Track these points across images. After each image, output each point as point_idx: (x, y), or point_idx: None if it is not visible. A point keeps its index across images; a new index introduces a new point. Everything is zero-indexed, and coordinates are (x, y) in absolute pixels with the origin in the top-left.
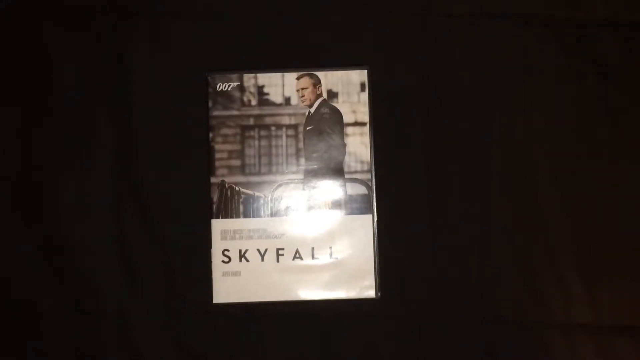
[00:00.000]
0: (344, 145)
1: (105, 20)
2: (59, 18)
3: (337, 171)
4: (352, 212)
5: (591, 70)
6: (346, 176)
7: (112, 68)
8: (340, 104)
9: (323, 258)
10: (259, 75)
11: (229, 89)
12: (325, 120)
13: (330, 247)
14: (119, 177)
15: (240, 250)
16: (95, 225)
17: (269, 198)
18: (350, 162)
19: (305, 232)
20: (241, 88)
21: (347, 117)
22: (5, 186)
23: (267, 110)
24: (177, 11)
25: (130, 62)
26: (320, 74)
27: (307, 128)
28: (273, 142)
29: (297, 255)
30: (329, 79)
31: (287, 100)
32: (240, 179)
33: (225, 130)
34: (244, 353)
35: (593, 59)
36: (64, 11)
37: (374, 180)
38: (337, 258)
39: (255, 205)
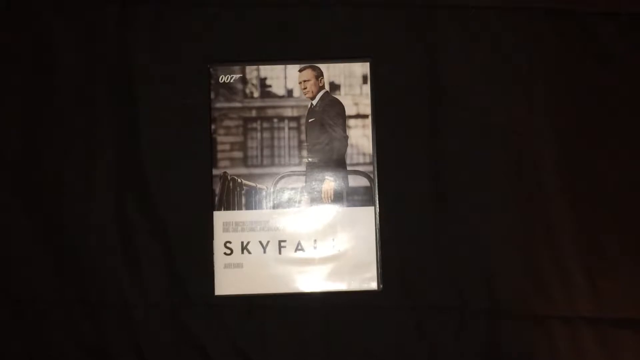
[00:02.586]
0: (346, 137)
1: (107, 11)
2: (61, 7)
3: (339, 163)
4: (354, 204)
5: (593, 62)
6: (348, 168)
7: (115, 59)
8: (342, 96)
9: (325, 250)
10: (261, 67)
11: (232, 80)
12: (328, 113)
13: (332, 239)
14: (121, 169)
15: (242, 242)
16: (97, 217)
17: (271, 190)
18: (352, 154)
19: (307, 224)
20: (243, 80)
21: (349, 109)
22: (7, 176)
23: (269, 102)
24: (179, 2)
25: (132, 54)
26: (322, 66)
27: (310, 120)
28: (275, 134)
29: (299, 247)
30: (331, 71)
31: (290, 93)
32: (243, 170)
33: (227, 122)
34: (246, 345)
35: (594, 50)
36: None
37: (376, 172)
38: (339, 250)
39: (257, 197)
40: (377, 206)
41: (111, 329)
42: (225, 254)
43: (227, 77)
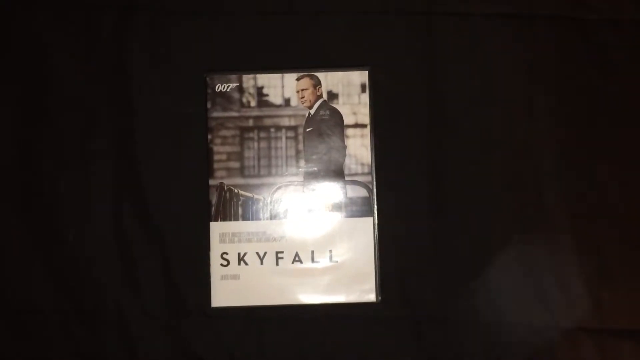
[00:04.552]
0: (344, 147)
1: (104, 20)
2: (58, 16)
3: (338, 173)
4: (352, 214)
5: (594, 68)
6: (346, 178)
7: (111, 68)
8: (340, 105)
9: (323, 261)
10: (258, 76)
11: (228, 89)
12: (326, 122)
13: (330, 250)
14: (117, 179)
15: (239, 254)
16: (94, 228)
17: (268, 200)
18: (350, 164)
19: (304, 235)
20: (240, 89)
21: (348, 119)
22: (5, 186)
23: (266, 111)
24: (176, 11)
25: (128, 63)
26: (320, 75)
27: (307, 130)
28: (272, 144)
29: (297, 259)
30: (329, 80)
31: (287, 102)
32: (239, 181)
33: (224, 132)
34: (243, 357)
35: (595, 57)
36: (64, 8)
37: (374, 182)
38: (337, 261)
39: (254, 207)
40: (376, 217)
41: (107, 340)
42: (221, 265)
43: (224, 86)
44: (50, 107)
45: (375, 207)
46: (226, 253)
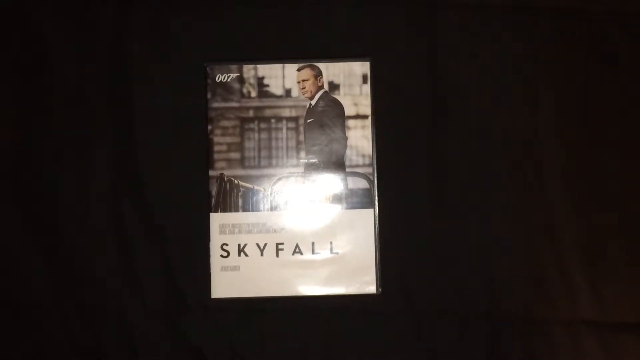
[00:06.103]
0: (345, 138)
1: (103, 10)
2: (57, 6)
3: (338, 164)
4: (353, 206)
5: (598, 62)
6: (347, 170)
7: (110, 59)
8: (341, 96)
9: (323, 253)
10: (259, 66)
11: (229, 80)
12: (327, 113)
13: (331, 242)
14: (116, 171)
15: (239, 245)
16: (93, 219)
17: (269, 192)
18: (351, 156)
19: (305, 226)
20: (241, 79)
21: (349, 110)
22: (3, 181)
23: (267, 102)
24: (175, 1)
25: (128, 53)
26: (321, 66)
27: (308, 120)
28: (273, 135)
29: (297, 250)
30: (331, 70)
31: (288, 92)
32: (240, 172)
33: (224, 123)
34: (243, 348)
35: (599, 50)
36: (62, 1)
37: (375, 174)
38: (337, 253)
39: (254, 199)
40: (377, 208)
41: (107, 332)
42: (221, 256)
43: (224, 77)
44: (49, 100)
45: (376, 198)
46: (226, 244)
